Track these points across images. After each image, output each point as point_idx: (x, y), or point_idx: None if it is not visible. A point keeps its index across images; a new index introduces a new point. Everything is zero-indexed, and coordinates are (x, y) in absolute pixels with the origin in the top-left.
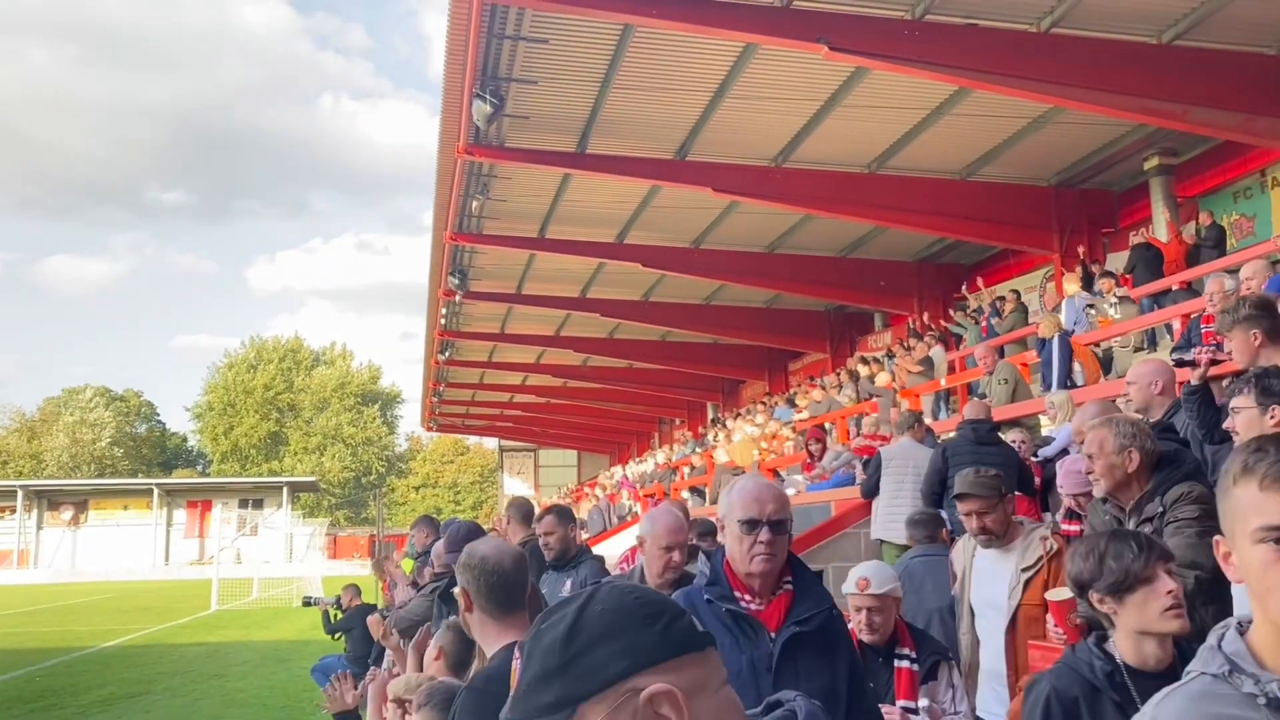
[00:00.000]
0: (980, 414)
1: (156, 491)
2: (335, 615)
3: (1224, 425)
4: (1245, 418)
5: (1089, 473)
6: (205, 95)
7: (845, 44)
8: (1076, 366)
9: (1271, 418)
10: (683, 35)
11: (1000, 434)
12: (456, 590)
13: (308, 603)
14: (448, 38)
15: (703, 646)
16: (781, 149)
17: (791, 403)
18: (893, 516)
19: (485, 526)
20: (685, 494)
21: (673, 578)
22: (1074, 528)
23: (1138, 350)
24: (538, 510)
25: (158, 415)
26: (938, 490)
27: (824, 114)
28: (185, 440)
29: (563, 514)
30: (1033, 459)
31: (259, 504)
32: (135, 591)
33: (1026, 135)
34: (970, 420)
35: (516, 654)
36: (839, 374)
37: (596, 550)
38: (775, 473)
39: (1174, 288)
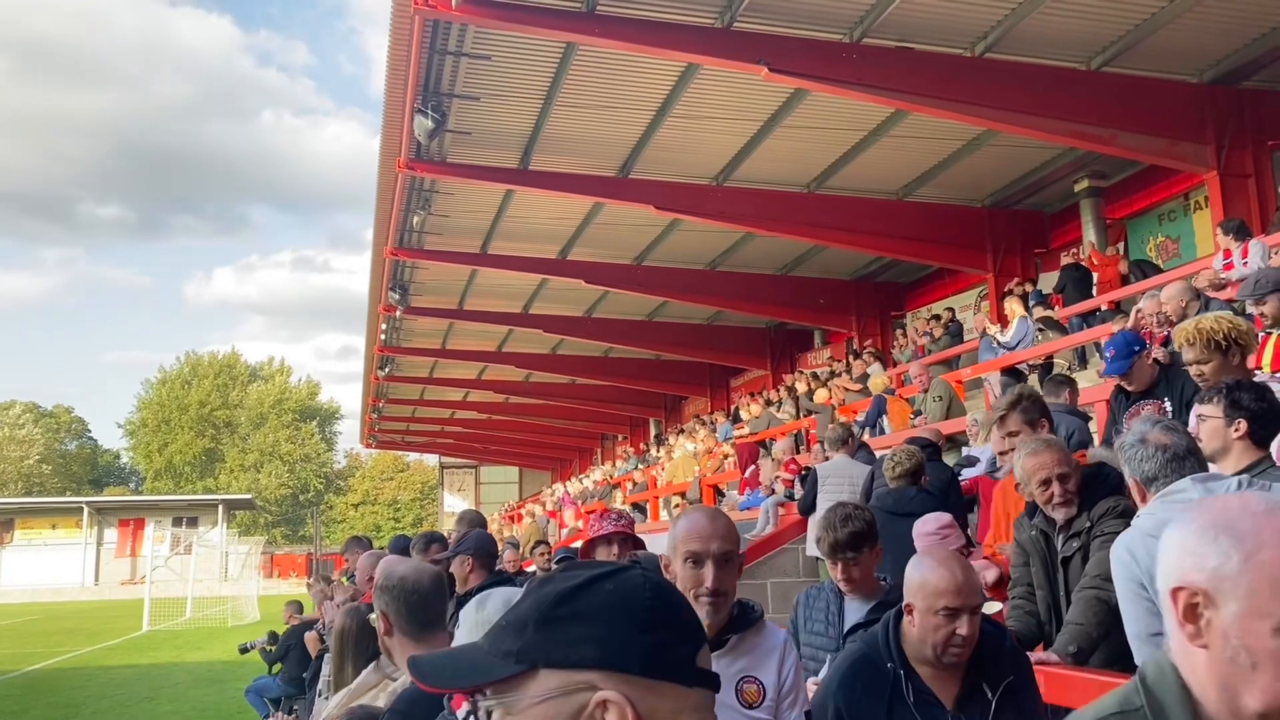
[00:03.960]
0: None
1: (87, 510)
2: (271, 649)
3: (1189, 428)
4: (1210, 427)
5: (1059, 498)
6: (143, 110)
7: (785, 65)
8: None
9: (1236, 431)
10: (625, 54)
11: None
12: (374, 616)
13: (245, 650)
14: (389, 52)
15: (691, 683)
16: (723, 168)
17: (736, 418)
18: None
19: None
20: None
21: (955, 654)
22: None
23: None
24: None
25: (89, 432)
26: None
27: (764, 134)
28: (118, 457)
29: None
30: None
31: (193, 522)
32: (63, 613)
33: (961, 157)
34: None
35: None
36: (779, 390)
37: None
38: (716, 489)
39: (1103, 308)
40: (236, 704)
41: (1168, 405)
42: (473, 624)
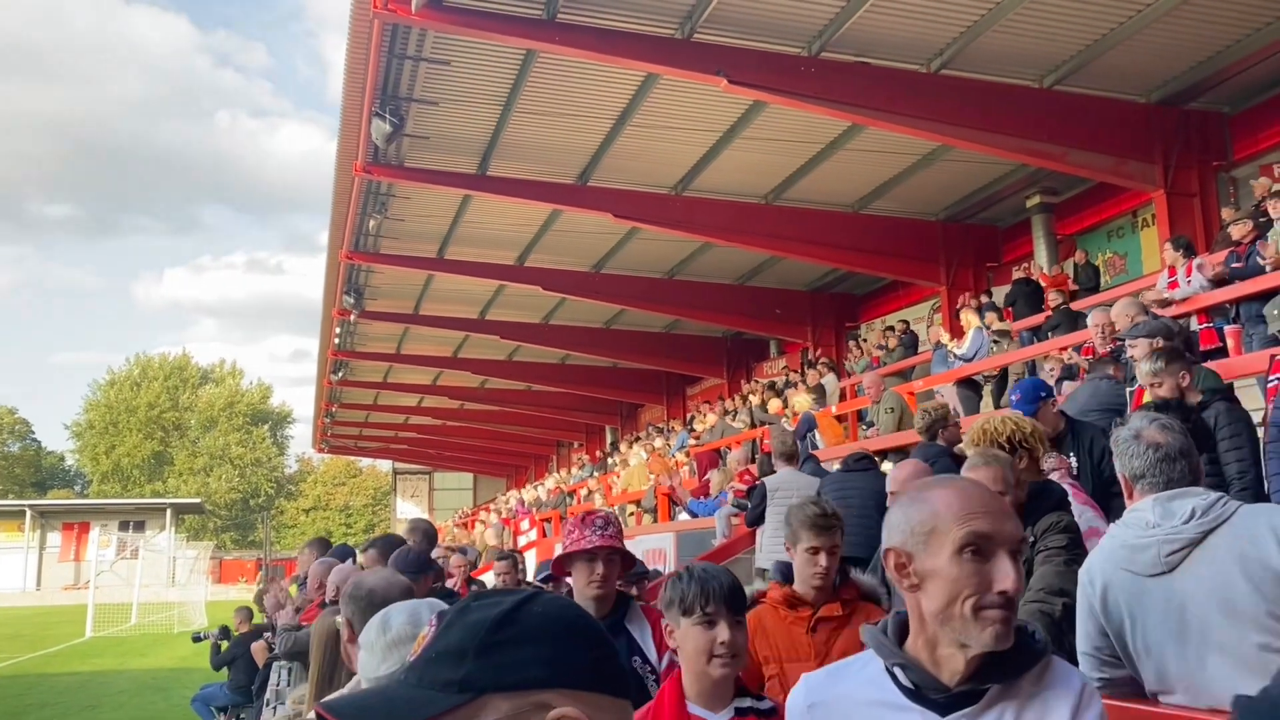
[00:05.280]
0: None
1: (29, 513)
2: (224, 647)
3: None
4: None
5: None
6: (96, 108)
7: (743, 78)
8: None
9: None
10: (585, 63)
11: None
12: (338, 619)
13: (198, 639)
14: (347, 55)
15: (623, 695)
16: (682, 177)
17: (692, 427)
18: (777, 545)
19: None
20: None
21: None
22: None
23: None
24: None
25: (33, 433)
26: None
27: (723, 145)
28: (63, 459)
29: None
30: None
31: (140, 526)
32: (3, 619)
33: (916, 171)
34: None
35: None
36: (735, 399)
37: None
38: (670, 498)
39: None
40: (182, 712)
41: (1073, 460)
42: (384, 646)
